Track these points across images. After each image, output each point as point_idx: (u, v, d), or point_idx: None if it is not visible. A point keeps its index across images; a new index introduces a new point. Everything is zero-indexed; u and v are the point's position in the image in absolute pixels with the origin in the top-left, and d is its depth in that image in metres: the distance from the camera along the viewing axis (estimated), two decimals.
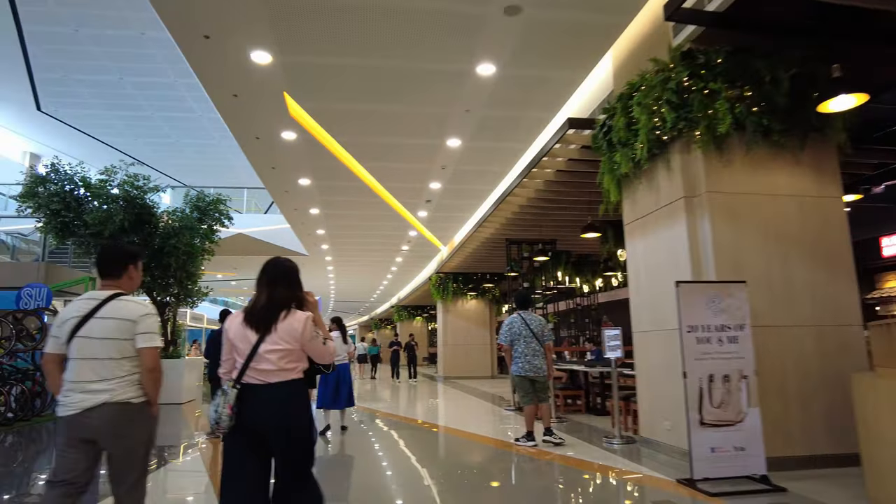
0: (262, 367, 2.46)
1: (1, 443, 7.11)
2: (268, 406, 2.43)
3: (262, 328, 2.49)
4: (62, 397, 2.50)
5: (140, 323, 2.57)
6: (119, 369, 2.51)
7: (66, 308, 2.61)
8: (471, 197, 11.63)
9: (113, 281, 2.70)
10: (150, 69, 20.11)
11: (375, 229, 14.59)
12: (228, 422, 2.40)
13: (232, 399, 2.41)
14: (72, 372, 2.49)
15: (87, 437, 2.47)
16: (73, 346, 2.50)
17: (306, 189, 10.95)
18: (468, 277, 18.44)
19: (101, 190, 10.17)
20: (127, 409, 2.51)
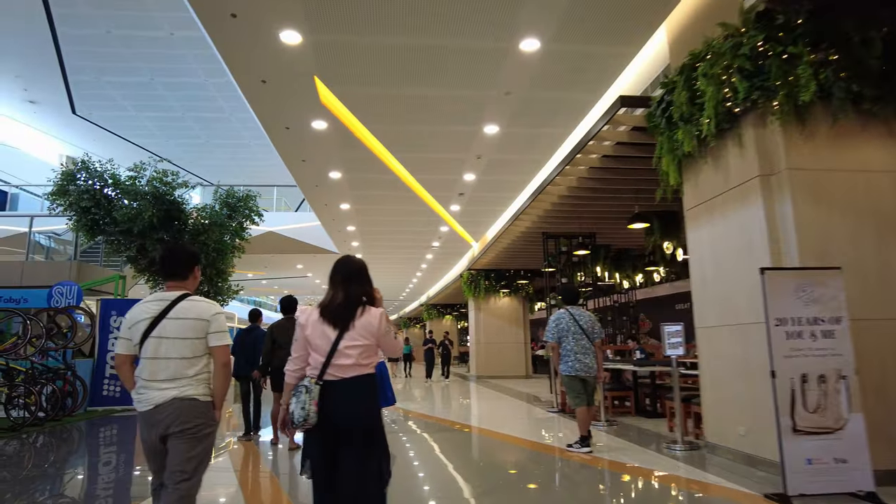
0: (341, 362, 2.49)
1: (32, 443, 6.93)
2: (347, 401, 2.48)
3: (340, 325, 2.52)
4: (137, 394, 2.59)
5: (213, 322, 2.64)
6: (191, 368, 2.59)
7: (134, 309, 2.66)
8: (506, 189, 11.14)
9: (180, 282, 2.75)
10: (180, 69, 20.17)
11: (406, 225, 14.21)
12: (316, 418, 2.43)
13: (316, 395, 2.44)
14: (146, 371, 2.57)
15: (161, 431, 2.56)
16: (146, 346, 2.57)
17: (337, 183, 10.63)
18: (500, 274, 17.94)
19: (130, 187, 10.01)
20: (193, 404, 2.58)
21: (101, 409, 9.45)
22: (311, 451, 2.53)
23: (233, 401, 11.92)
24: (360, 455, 2.47)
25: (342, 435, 2.48)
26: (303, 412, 2.43)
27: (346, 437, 2.48)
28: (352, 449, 2.48)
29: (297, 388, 2.51)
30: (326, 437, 2.48)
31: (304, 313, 2.62)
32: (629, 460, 5.41)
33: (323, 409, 2.44)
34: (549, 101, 7.42)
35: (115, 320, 9.78)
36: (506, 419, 8.93)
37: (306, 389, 2.46)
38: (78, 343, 9.15)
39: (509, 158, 9.43)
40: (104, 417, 9.01)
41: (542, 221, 11.62)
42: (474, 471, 5.46)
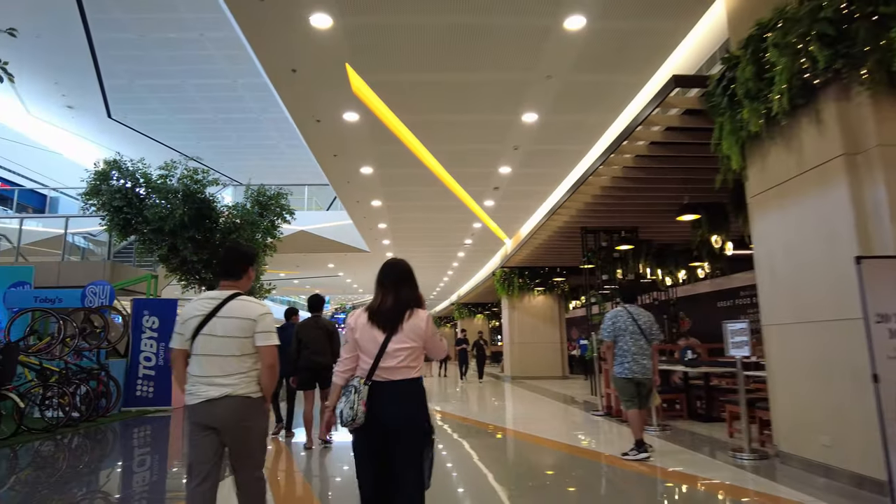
0: (388, 364, 2.51)
1: (67, 444, 6.81)
2: (394, 402, 2.50)
3: (388, 327, 2.54)
4: (189, 387, 2.66)
5: (260, 322, 2.69)
6: (240, 365, 2.65)
7: (187, 307, 2.74)
8: (543, 182, 10.70)
9: (233, 281, 2.82)
10: (210, 71, 20.29)
11: (438, 222, 13.88)
12: (363, 418, 2.45)
13: (364, 395, 2.46)
14: (197, 367, 2.65)
15: (210, 424, 2.63)
16: (196, 342, 2.65)
17: (369, 178, 10.35)
18: (535, 272, 17.45)
19: (161, 185, 9.91)
20: (247, 402, 2.66)
21: (135, 410, 9.36)
22: (360, 451, 2.56)
23: None
24: (404, 457, 2.49)
25: (389, 436, 2.49)
26: (351, 412, 2.46)
27: (394, 439, 2.50)
28: (397, 450, 2.49)
29: (346, 389, 2.54)
30: (373, 438, 2.50)
31: (353, 316, 2.65)
32: (694, 470, 4.95)
33: (371, 410, 2.47)
34: (592, 84, 6.98)
35: (148, 320, 9.69)
36: (548, 422, 8.50)
37: (355, 389, 2.49)
38: (113, 342, 9.07)
39: (548, 149, 9.00)
40: (138, 418, 8.90)
41: (581, 216, 11.13)
42: (521, 481, 5.07)
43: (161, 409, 9.52)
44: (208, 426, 2.64)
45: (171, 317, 9.80)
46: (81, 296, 9.07)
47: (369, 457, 2.52)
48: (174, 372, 2.80)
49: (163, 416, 9.27)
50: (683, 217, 8.69)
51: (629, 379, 5.54)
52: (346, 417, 2.48)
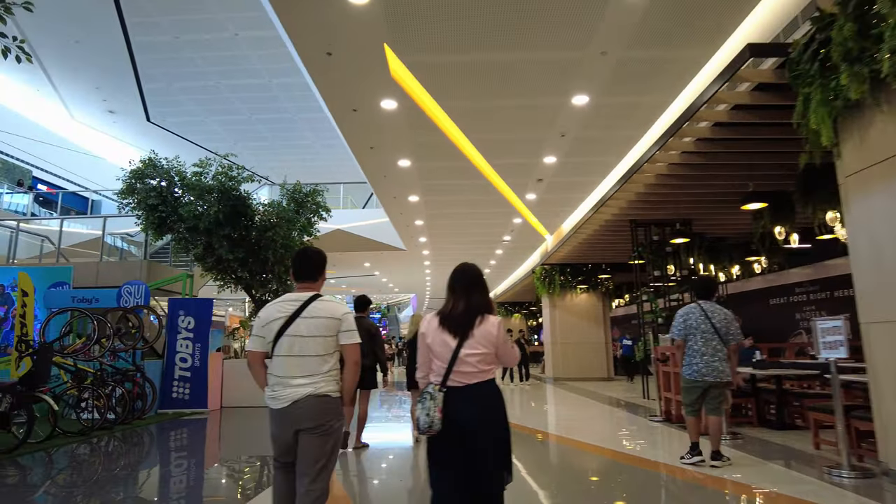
0: (463, 369, 2.52)
1: (102, 447, 6.58)
2: (471, 406, 2.50)
3: (460, 333, 2.54)
4: (271, 391, 2.68)
5: (343, 321, 2.74)
6: (323, 365, 2.68)
7: (268, 308, 2.76)
8: (590, 172, 10.09)
9: (311, 283, 2.87)
10: (244, 71, 20.32)
11: (477, 217, 13.39)
12: (440, 425, 2.45)
13: (440, 402, 2.47)
14: (280, 368, 2.66)
15: (294, 425, 2.64)
16: (280, 344, 2.67)
17: (406, 172, 9.94)
18: (577, 269, 16.78)
19: (195, 182, 9.71)
20: (327, 401, 2.67)
21: (171, 412, 9.17)
22: (435, 456, 2.56)
23: None
24: (483, 461, 2.47)
25: (466, 438, 2.48)
26: (427, 419, 2.46)
27: (471, 441, 2.48)
28: (475, 454, 2.48)
29: (422, 395, 2.53)
30: (451, 443, 2.49)
31: (425, 321, 2.66)
32: (790, 490, 4.32)
33: (448, 415, 2.46)
34: (650, 61, 6.38)
35: (183, 320, 9.49)
36: (604, 429, 7.91)
37: (430, 396, 2.50)
38: (150, 341, 8.89)
39: (598, 135, 8.41)
40: (174, 420, 8.70)
41: (631, 208, 10.49)
42: (589, 499, 4.54)
43: (197, 412, 9.31)
44: (291, 428, 2.66)
45: (206, 317, 9.60)
46: (117, 295, 8.93)
47: (446, 463, 2.52)
48: (254, 374, 2.82)
49: (199, 418, 9.05)
50: (748, 206, 7.99)
51: (696, 382, 5.06)
52: (423, 424, 2.47)
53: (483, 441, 2.48)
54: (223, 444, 7.43)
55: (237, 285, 10.40)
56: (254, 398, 10.19)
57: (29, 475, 5.38)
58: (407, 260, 19.44)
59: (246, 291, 10.71)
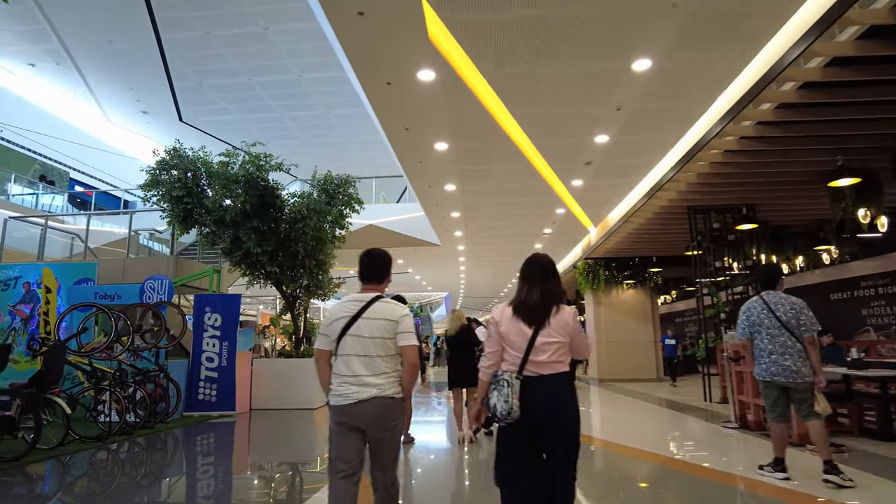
0: (538, 359, 2.51)
1: (119, 454, 6.05)
2: (545, 396, 2.48)
3: (536, 322, 2.54)
4: (335, 388, 2.72)
5: (401, 323, 2.75)
6: (385, 366, 2.72)
7: (333, 308, 2.84)
8: (646, 152, 9.16)
9: (376, 285, 2.89)
10: (275, 67, 20.06)
11: (517, 208, 12.57)
12: (519, 412, 2.44)
13: (517, 389, 2.45)
14: (345, 367, 2.71)
15: (357, 425, 2.68)
16: (343, 343, 2.72)
17: (443, 156, 9.20)
18: (623, 263, 15.79)
19: (220, 171, 9.18)
20: (392, 403, 2.71)
21: (197, 415, 8.65)
22: (508, 448, 2.55)
23: None
24: (558, 451, 2.47)
25: (543, 429, 2.47)
26: (506, 405, 2.44)
27: (546, 433, 2.48)
28: (550, 445, 2.49)
29: (497, 382, 2.52)
30: (525, 433, 2.49)
31: (497, 310, 2.65)
32: None
33: (523, 404, 2.45)
34: (728, 13, 5.48)
35: (210, 317, 8.97)
36: (670, 437, 7.02)
37: (507, 383, 2.48)
38: (178, 337, 8.38)
39: (657, 108, 7.50)
40: (200, 424, 8.16)
41: (690, 192, 9.56)
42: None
43: (225, 415, 8.77)
44: (354, 426, 2.67)
45: (234, 314, 9.06)
46: (140, 291, 8.46)
47: (521, 453, 2.51)
48: (318, 371, 2.85)
49: (227, 421, 8.50)
50: (838, 182, 7.01)
51: (769, 382, 4.40)
52: (501, 411, 2.45)
53: (560, 432, 2.48)
54: (253, 450, 6.85)
55: (266, 280, 9.84)
56: (285, 400, 9.62)
57: (33, 485, 4.84)
58: (441, 256, 18.74)
59: (276, 287, 10.15)
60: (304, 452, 6.63)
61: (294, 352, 10.06)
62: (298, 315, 10.50)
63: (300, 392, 9.61)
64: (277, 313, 11.24)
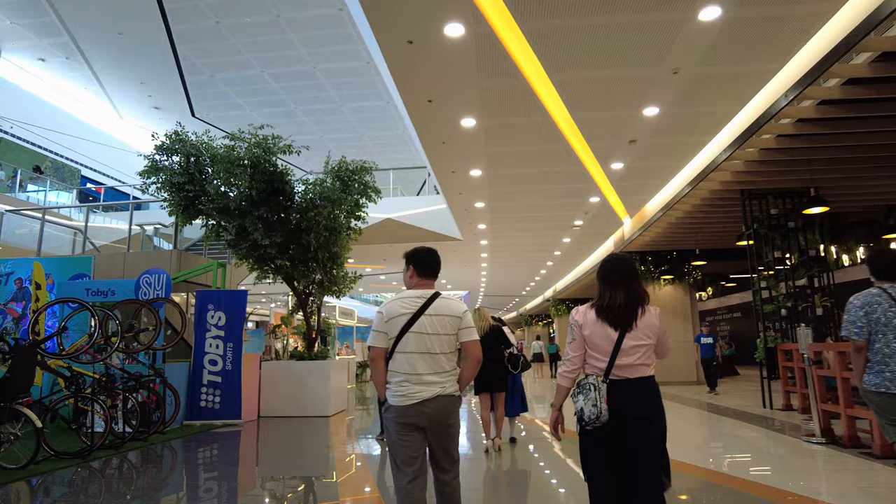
0: (625, 362, 2.45)
1: (101, 474, 5.19)
2: (634, 400, 2.43)
3: (622, 324, 2.48)
4: (397, 388, 2.64)
5: (464, 318, 2.73)
6: (447, 363, 2.68)
7: (391, 305, 2.71)
8: (697, 128, 8.12)
9: (432, 280, 2.83)
10: (288, 58, 19.41)
11: (547, 197, 11.57)
12: (607, 416, 2.38)
13: (605, 393, 2.41)
14: (406, 364, 2.64)
15: (420, 424, 2.61)
16: (405, 340, 2.65)
17: (469, 136, 8.25)
18: (660, 257, 14.69)
19: (224, 154, 8.33)
20: (452, 400, 2.68)
21: (199, 424, 7.80)
22: (594, 453, 2.49)
23: (364, 413, 9.97)
24: (644, 456, 2.39)
25: (630, 434, 2.40)
26: (594, 409, 2.38)
27: (635, 436, 2.40)
28: (637, 449, 2.40)
29: (583, 386, 2.48)
30: (610, 437, 2.42)
31: (580, 313, 2.58)
32: None
33: (610, 409, 2.38)
34: None
35: (213, 316, 8.12)
36: (745, 453, 5.97)
37: (594, 387, 2.43)
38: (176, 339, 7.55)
39: (721, 71, 6.48)
40: (202, 434, 7.31)
41: (747, 173, 8.52)
42: None
43: (230, 423, 7.91)
44: (418, 427, 2.61)
45: (239, 311, 8.20)
46: (135, 286, 7.64)
47: (604, 458, 2.45)
48: (374, 371, 2.77)
49: (232, 431, 7.65)
50: None
51: (888, 395, 3.31)
52: (590, 416, 2.39)
53: (647, 438, 2.40)
54: (261, 463, 5.98)
55: (276, 275, 8.97)
56: (297, 407, 8.75)
57: None
58: (462, 252, 17.79)
59: (286, 282, 9.27)
60: (319, 466, 5.75)
61: (307, 353, 9.18)
62: (311, 313, 9.62)
63: (314, 398, 8.73)
64: (289, 311, 10.38)
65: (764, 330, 8.75)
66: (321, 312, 9.96)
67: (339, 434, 7.62)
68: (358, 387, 16.83)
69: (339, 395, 9.33)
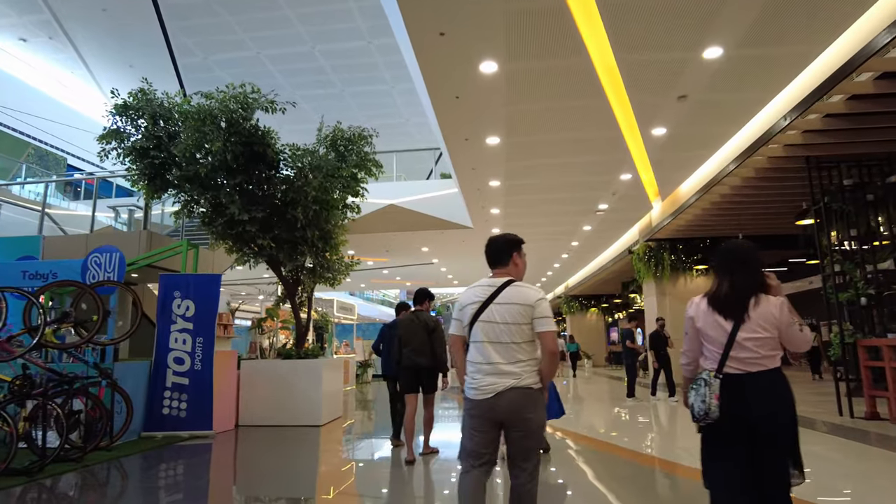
0: (741, 355, 2.33)
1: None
2: (753, 396, 2.29)
3: (734, 315, 2.36)
4: (470, 379, 2.60)
5: (537, 307, 2.57)
6: (521, 353, 2.54)
7: (465, 293, 2.71)
8: (760, 80, 6.70)
9: (503, 268, 2.75)
10: (284, 36, 18.12)
11: (572, 173, 10.18)
12: (718, 412, 2.29)
13: (717, 389, 2.30)
14: (478, 353, 2.58)
15: (496, 418, 2.52)
16: (475, 329, 2.59)
17: (488, 85, 6.85)
18: (692, 245, 13.26)
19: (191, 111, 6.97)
20: (530, 393, 2.53)
21: (161, 436, 6.41)
22: (712, 451, 2.39)
23: (367, 420, 8.59)
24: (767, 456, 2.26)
25: (748, 434, 2.29)
26: (703, 405, 2.31)
27: (753, 437, 2.28)
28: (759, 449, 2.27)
29: (695, 381, 2.39)
30: (729, 438, 2.31)
31: (692, 305, 2.51)
32: None
33: (726, 405, 2.28)
34: None
35: (180, 305, 6.74)
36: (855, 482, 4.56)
37: (705, 382, 2.34)
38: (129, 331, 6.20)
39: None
40: (163, 449, 5.93)
41: (817, 136, 7.11)
42: None
43: (198, 435, 6.52)
44: (494, 420, 2.52)
45: (212, 300, 6.82)
46: (82, 268, 6.28)
47: (724, 456, 2.33)
48: (454, 359, 2.76)
49: (200, 443, 6.27)
50: None
51: None
52: (698, 412, 2.32)
53: (768, 435, 2.27)
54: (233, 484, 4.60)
55: (257, 258, 7.58)
56: (282, 414, 7.38)
57: None
58: (471, 243, 16.41)
59: (271, 268, 7.88)
60: (304, 487, 4.38)
61: (295, 351, 7.78)
62: (302, 304, 8.22)
63: (302, 403, 7.36)
64: (274, 302, 8.98)
65: (840, 322, 7.31)
66: (312, 304, 8.57)
67: (329, 448, 6.25)
68: (359, 388, 15.44)
69: (333, 400, 7.93)
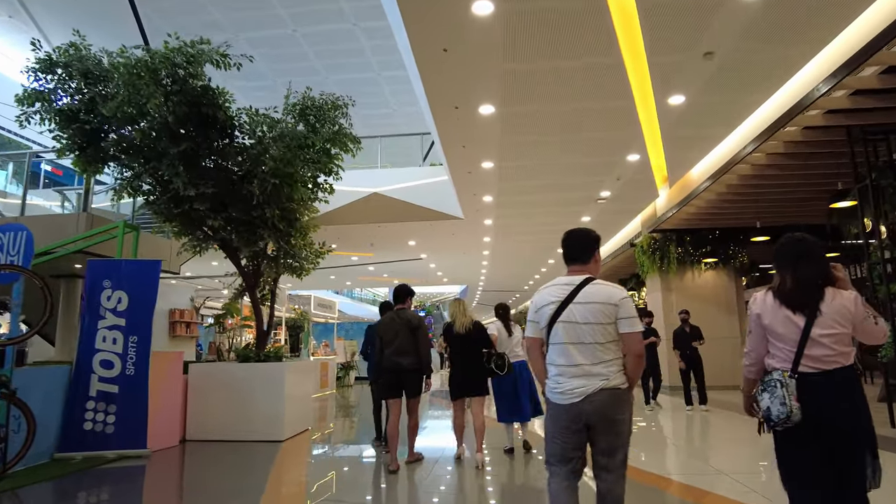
0: (816, 353, 2.21)
1: None
2: (830, 396, 2.18)
3: (805, 310, 2.24)
4: (553, 383, 2.50)
5: (622, 307, 2.49)
6: (606, 353, 2.46)
7: (540, 293, 2.60)
8: (807, 30, 5.66)
9: (582, 265, 2.64)
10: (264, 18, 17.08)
11: (574, 152, 9.12)
12: (799, 415, 2.17)
13: (794, 389, 2.19)
14: (561, 356, 2.49)
15: (586, 421, 2.43)
16: (555, 331, 2.50)
17: (481, 34, 5.74)
18: (700, 236, 12.24)
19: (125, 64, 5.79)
20: (618, 394, 2.45)
21: (80, 457, 5.22)
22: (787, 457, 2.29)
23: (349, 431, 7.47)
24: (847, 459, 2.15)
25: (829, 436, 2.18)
26: (783, 408, 2.17)
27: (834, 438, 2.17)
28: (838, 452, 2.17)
29: (768, 383, 2.25)
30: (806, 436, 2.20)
31: (758, 300, 2.40)
32: None
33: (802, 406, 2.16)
34: None
35: (110, 297, 5.57)
36: None
37: (781, 383, 2.20)
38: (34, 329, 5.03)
39: None
40: (79, 474, 4.77)
41: (868, 99, 6.08)
42: None
43: (128, 455, 5.34)
44: (579, 423, 2.42)
45: (148, 291, 5.65)
46: None
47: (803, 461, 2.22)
48: (532, 362, 2.67)
49: (130, 466, 5.11)
50: None
51: None
52: (778, 415, 2.18)
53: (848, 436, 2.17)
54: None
55: (208, 243, 6.42)
56: (237, 427, 6.23)
57: None
58: (462, 237, 15.34)
59: (227, 255, 6.70)
60: None
61: (254, 353, 6.60)
62: (264, 298, 7.06)
63: (261, 415, 6.21)
64: (233, 296, 7.76)
65: (893, 318, 6.28)
66: (276, 297, 7.41)
67: (295, 467, 5.12)
68: (340, 392, 14.30)
69: (298, 410, 6.76)
